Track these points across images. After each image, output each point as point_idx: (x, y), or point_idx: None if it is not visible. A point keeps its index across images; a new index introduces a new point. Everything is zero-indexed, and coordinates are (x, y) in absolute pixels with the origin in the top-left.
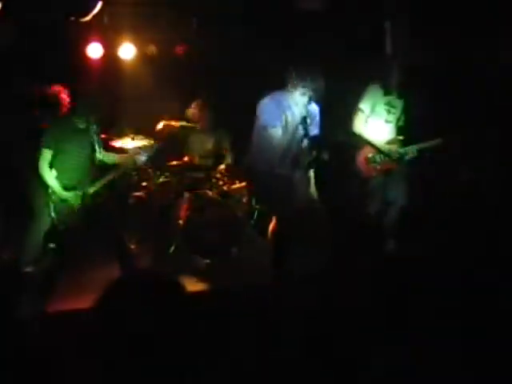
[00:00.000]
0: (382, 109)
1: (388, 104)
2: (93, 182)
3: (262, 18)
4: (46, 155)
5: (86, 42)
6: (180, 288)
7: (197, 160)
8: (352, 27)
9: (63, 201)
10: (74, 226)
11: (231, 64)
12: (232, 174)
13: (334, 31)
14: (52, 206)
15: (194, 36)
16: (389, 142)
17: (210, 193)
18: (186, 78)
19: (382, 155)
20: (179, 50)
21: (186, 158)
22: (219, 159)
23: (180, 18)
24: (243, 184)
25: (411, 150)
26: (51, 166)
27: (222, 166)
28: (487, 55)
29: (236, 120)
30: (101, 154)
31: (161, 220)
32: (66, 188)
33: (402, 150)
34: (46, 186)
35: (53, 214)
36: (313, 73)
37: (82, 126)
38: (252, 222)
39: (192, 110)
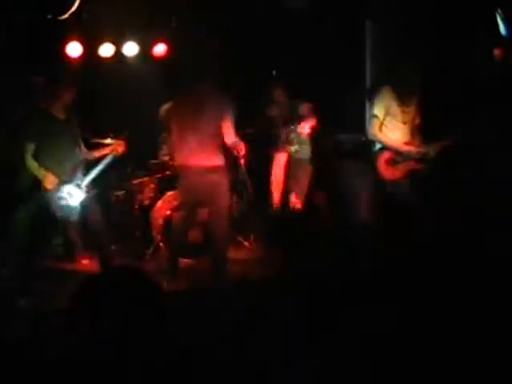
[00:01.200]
0: (396, 110)
1: (402, 105)
2: (84, 175)
3: (243, 15)
4: (29, 148)
5: (66, 40)
6: (152, 281)
7: None
8: (334, 26)
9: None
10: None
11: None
12: None
13: (316, 30)
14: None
15: (173, 35)
16: (408, 143)
17: None
18: (166, 78)
19: (402, 156)
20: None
21: (166, 157)
22: None
23: (159, 17)
24: None
25: (433, 149)
26: (40, 162)
27: None
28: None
29: None
30: (87, 153)
31: (141, 219)
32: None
33: (422, 150)
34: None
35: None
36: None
37: (61, 115)
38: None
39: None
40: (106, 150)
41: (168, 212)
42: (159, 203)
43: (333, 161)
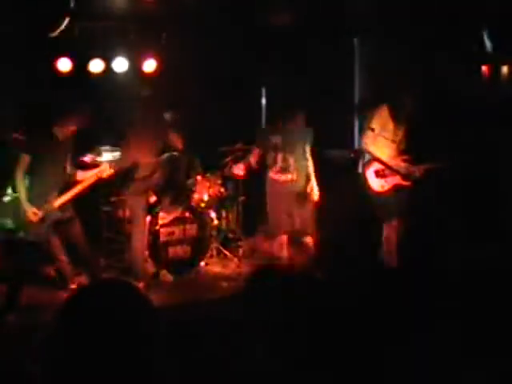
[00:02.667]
0: (390, 129)
1: (395, 126)
2: (59, 195)
3: (232, 31)
4: (25, 161)
5: (57, 56)
6: (141, 295)
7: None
8: (322, 43)
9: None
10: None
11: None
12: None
13: (304, 46)
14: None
15: (164, 51)
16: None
17: (178, 208)
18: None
19: (390, 170)
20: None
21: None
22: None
23: (149, 33)
24: (213, 197)
25: (418, 169)
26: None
27: (190, 181)
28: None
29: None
30: (72, 172)
31: (129, 234)
32: (31, 199)
33: (409, 168)
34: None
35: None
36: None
37: (61, 138)
38: (220, 237)
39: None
40: (89, 174)
41: (157, 227)
42: (148, 218)
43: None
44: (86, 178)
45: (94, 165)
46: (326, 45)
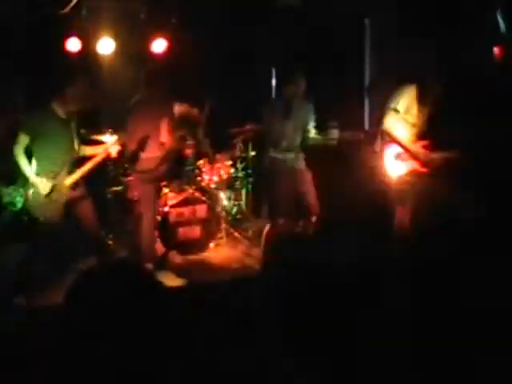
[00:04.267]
0: (413, 112)
1: (419, 109)
2: (70, 173)
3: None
4: (23, 140)
5: (66, 36)
6: (151, 276)
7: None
8: (333, 24)
9: (32, 186)
10: (50, 219)
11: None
12: (210, 169)
13: (314, 27)
14: (23, 194)
15: (174, 32)
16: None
17: (188, 189)
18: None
19: (409, 154)
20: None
21: None
22: (199, 156)
23: (159, 14)
24: (223, 178)
25: (438, 158)
26: (30, 152)
27: (201, 162)
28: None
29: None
30: (79, 149)
31: (138, 215)
32: (38, 175)
33: (429, 155)
34: (19, 173)
35: (19, 204)
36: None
37: (62, 116)
38: (229, 218)
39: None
40: (98, 149)
41: (166, 208)
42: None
43: None
44: (95, 153)
45: (101, 142)
46: (337, 25)
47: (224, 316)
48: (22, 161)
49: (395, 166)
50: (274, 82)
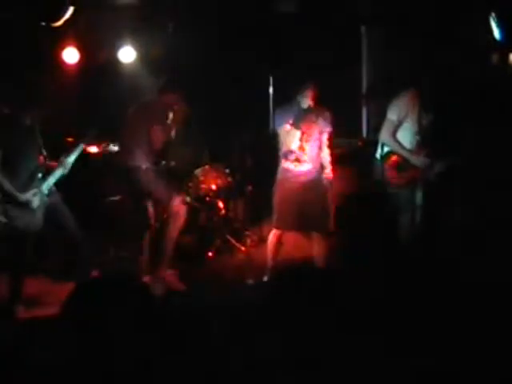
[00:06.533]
0: (414, 118)
1: (419, 115)
2: (43, 180)
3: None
4: None
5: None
6: (143, 288)
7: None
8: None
9: (20, 204)
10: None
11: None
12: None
13: (311, 34)
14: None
15: (170, 40)
16: (415, 153)
17: (186, 198)
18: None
19: (409, 163)
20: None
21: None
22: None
23: (156, 22)
24: (221, 187)
25: (439, 164)
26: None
27: (198, 171)
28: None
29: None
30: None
31: (136, 223)
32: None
33: (428, 162)
34: None
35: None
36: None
37: (27, 121)
38: (227, 227)
39: None
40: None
41: (164, 216)
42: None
43: None
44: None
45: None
46: (334, 33)
47: (222, 324)
48: (4, 182)
49: (394, 174)
50: (271, 90)
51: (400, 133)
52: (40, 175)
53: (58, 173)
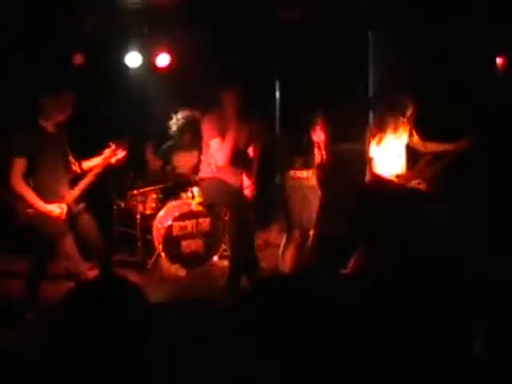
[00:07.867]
0: (390, 143)
1: (397, 137)
2: (70, 188)
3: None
4: (19, 164)
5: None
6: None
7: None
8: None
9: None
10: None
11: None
12: None
13: (315, 40)
14: None
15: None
16: (400, 176)
17: (191, 203)
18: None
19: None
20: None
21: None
22: None
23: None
24: None
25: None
26: (35, 179)
27: None
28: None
29: None
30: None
31: (141, 228)
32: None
33: (415, 184)
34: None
35: None
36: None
37: (51, 129)
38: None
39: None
40: (96, 161)
41: (170, 222)
42: (161, 213)
43: None
44: (92, 166)
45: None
46: (340, 38)
47: (228, 330)
48: (27, 191)
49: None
50: (277, 94)
51: (380, 161)
52: (68, 184)
53: (86, 181)
